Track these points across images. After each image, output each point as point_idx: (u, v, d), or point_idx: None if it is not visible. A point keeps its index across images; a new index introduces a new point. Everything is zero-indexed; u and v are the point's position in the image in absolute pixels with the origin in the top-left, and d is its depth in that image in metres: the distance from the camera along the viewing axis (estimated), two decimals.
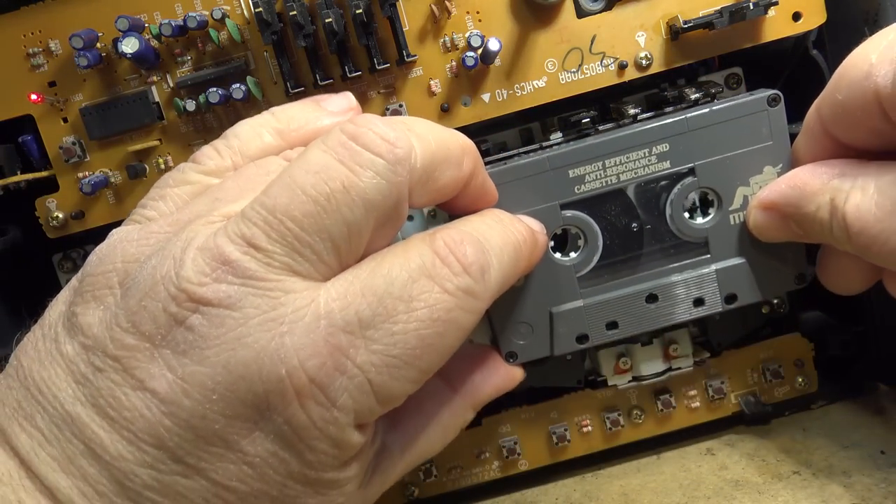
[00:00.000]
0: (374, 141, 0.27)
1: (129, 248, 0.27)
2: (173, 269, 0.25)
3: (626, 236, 0.37)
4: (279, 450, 0.25)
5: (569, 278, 0.36)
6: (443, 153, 0.29)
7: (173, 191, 0.30)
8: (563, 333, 0.37)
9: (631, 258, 0.37)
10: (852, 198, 0.30)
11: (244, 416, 0.25)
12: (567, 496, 0.41)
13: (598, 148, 0.35)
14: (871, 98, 0.28)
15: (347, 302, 0.26)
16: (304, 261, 0.26)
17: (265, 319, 0.25)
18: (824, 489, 0.36)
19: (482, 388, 0.35)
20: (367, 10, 0.35)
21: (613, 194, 0.36)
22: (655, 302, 0.37)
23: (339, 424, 0.26)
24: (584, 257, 0.37)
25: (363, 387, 0.26)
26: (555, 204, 0.35)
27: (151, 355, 0.25)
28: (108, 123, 0.37)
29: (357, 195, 0.26)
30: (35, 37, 0.37)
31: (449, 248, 0.28)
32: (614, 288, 0.37)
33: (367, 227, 0.27)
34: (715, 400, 0.41)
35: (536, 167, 0.35)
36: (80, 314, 0.26)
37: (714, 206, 0.36)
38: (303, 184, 0.26)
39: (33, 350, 0.27)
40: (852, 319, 0.42)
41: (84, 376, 0.25)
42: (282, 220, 0.25)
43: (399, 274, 0.27)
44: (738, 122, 0.35)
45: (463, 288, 0.27)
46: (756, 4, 0.35)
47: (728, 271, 0.36)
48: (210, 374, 0.24)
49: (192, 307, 0.25)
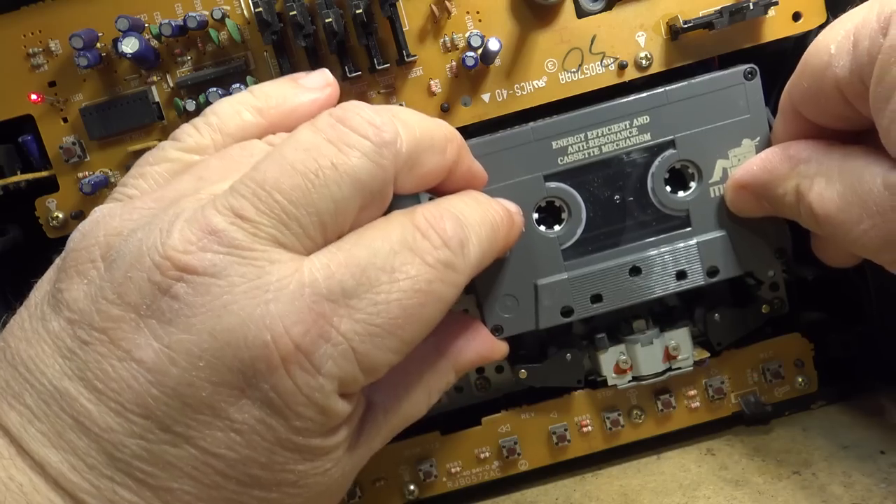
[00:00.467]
0: (362, 125, 0.27)
1: (112, 223, 0.27)
2: (160, 239, 0.25)
3: (609, 209, 0.37)
4: (266, 416, 0.26)
5: (553, 251, 0.37)
6: (427, 140, 0.30)
7: (153, 168, 0.30)
8: (548, 306, 0.37)
9: (614, 231, 0.38)
10: (816, 186, 0.31)
11: (231, 383, 0.25)
12: (567, 496, 0.41)
13: (580, 119, 0.36)
14: (832, 86, 0.29)
15: (331, 271, 0.26)
16: (290, 233, 0.26)
17: (250, 287, 0.25)
18: (824, 489, 0.36)
19: (465, 353, 0.35)
20: (367, 10, 0.35)
21: (596, 166, 0.37)
22: (639, 275, 0.37)
23: (324, 391, 0.26)
24: (568, 230, 0.37)
25: (347, 354, 0.26)
26: (538, 175, 0.36)
27: (137, 325, 0.25)
28: (108, 123, 0.37)
29: (345, 173, 0.27)
30: (35, 37, 0.37)
31: (429, 223, 0.29)
32: (598, 261, 0.37)
33: (352, 206, 0.27)
34: (715, 400, 0.41)
35: (520, 138, 0.36)
36: (65, 290, 0.26)
37: (694, 179, 0.37)
38: (293, 160, 0.26)
39: (20, 330, 0.27)
40: (852, 319, 0.42)
41: (71, 350, 0.25)
42: (270, 193, 0.26)
43: (382, 246, 0.27)
44: (715, 95, 0.36)
45: (443, 260, 0.28)
46: (756, 4, 0.35)
47: (709, 244, 0.37)
48: (196, 342, 0.24)
49: (176, 276, 0.25)
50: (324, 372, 0.26)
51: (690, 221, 0.37)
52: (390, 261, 0.27)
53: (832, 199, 0.30)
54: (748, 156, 0.36)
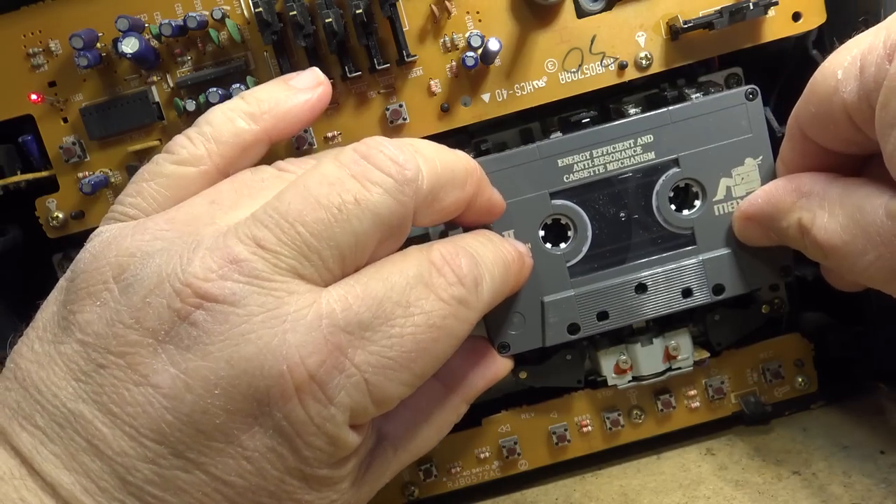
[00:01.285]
0: (385, 162, 0.28)
1: (123, 244, 0.27)
2: (180, 266, 0.25)
3: (614, 226, 0.37)
4: (277, 445, 0.26)
5: (559, 268, 0.37)
6: (447, 175, 0.30)
7: (149, 186, 0.30)
8: (554, 323, 0.37)
9: (620, 248, 0.38)
10: (818, 220, 0.31)
11: (245, 411, 0.25)
12: (567, 496, 0.41)
13: (585, 138, 0.36)
14: (840, 111, 0.29)
15: (348, 304, 0.26)
16: (309, 265, 0.26)
17: (269, 317, 0.25)
18: (824, 489, 0.36)
19: (476, 382, 0.35)
20: (367, 10, 0.35)
21: (601, 184, 0.37)
22: (645, 292, 0.37)
23: (335, 422, 0.26)
24: (574, 247, 0.37)
25: (359, 386, 0.26)
26: (545, 192, 0.36)
27: (155, 351, 0.25)
28: (108, 123, 0.37)
29: (367, 208, 0.27)
30: (35, 37, 0.37)
31: (445, 260, 0.29)
32: (604, 278, 0.37)
33: (372, 240, 0.28)
34: (715, 400, 0.41)
35: (527, 156, 0.36)
36: (77, 312, 0.26)
37: (699, 197, 0.37)
38: (317, 193, 0.27)
39: (29, 352, 0.27)
40: (852, 319, 0.42)
41: (85, 373, 0.25)
42: (293, 225, 0.26)
43: (398, 280, 0.28)
44: (718, 115, 0.36)
45: (457, 297, 0.29)
46: (756, 4, 0.35)
47: (714, 262, 0.37)
48: (213, 369, 0.25)
49: (196, 303, 0.25)
50: (336, 402, 0.26)
51: (695, 239, 0.37)
52: (406, 295, 0.27)
53: (836, 231, 0.30)
54: (751, 174, 0.36)
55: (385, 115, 0.37)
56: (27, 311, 0.29)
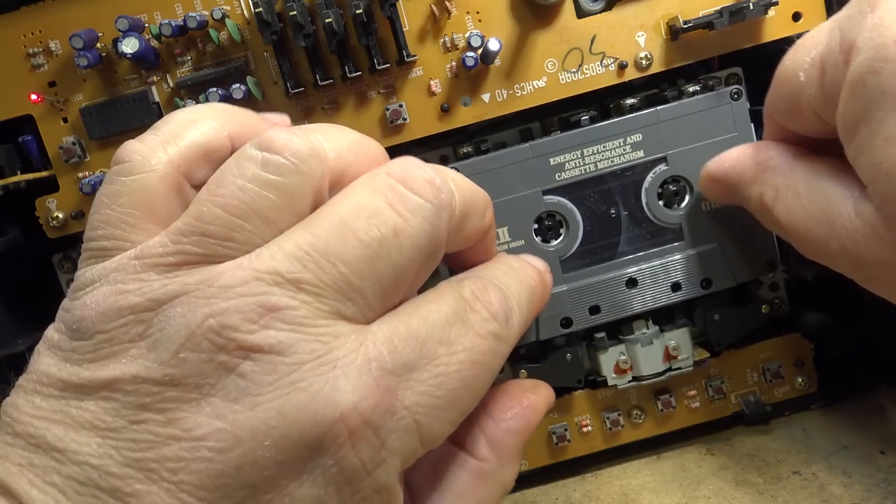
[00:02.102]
0: (424, 187, 0.27)
1: (132, 299, 0.25)
2: (212, 317, 0.24)
3: (605, 222, 0.39)
4: (324, 494, 0.25)
5: (552, 263, 0.37)
6: (472, 202, 0.29)
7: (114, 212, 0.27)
8: (547, 318, 0.38)
9: (611, 244, 0.39)
10: (781, 199, 0.31)
11: (295, 461, 0.24)
12: (567, 496, 0.41)
13: (576, 137, 0.37)
14: (808, 110, 0.30)
15: (394, 345, 0.26)
16: (352, 305, 0.25)
17: (318, 364, 0.24)
18: (824, 489, 0.36)
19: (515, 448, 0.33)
20: (367, 10, 0.35)
21: (592, 182, 0.38)
22: (635, 286, 0.38)
23: (386, 467, 0.25)
24: (566, 243, 0.38)
25: (410, 428, 0.26)
26: (537, 190, 0.37)
27: (198, 405, 0.24)
28: (108, 123, 0.37)
29: (406, 240, 0.26)
30: (35, 37, 0.37)
31: (475, 296, 0.29)
32: (596, 273, 0.38)
33: (411, 271, 0.27)
34: (715, 400, 0.41)
35: (520, 155, 0.37)
36: (98, 370, 0.25)
37: (686, 194, 0.38)
38: (355, 228, 0.25)
39: (30, 407, 0.25)
40: (852, 319, 0.42)
41: (113, 430, 0.24)
42: (334, 265, 0.25)
43: (437, 319, 0.27)
44: (704, 115, 0.37)
45: (493, 333, 0.28)
46: (756, 4, 0.35)
47: (702, 257, 0.38)
48: (263, 419, 0.24)
49: (242, 354, 0.24)
50: (388, 446, 0.25)
51: (683, 235, 0.38)
52: (446, 333, 0.27)
53: (800, 217, 0.30)
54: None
55: (385, 115, 0.37)
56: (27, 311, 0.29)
